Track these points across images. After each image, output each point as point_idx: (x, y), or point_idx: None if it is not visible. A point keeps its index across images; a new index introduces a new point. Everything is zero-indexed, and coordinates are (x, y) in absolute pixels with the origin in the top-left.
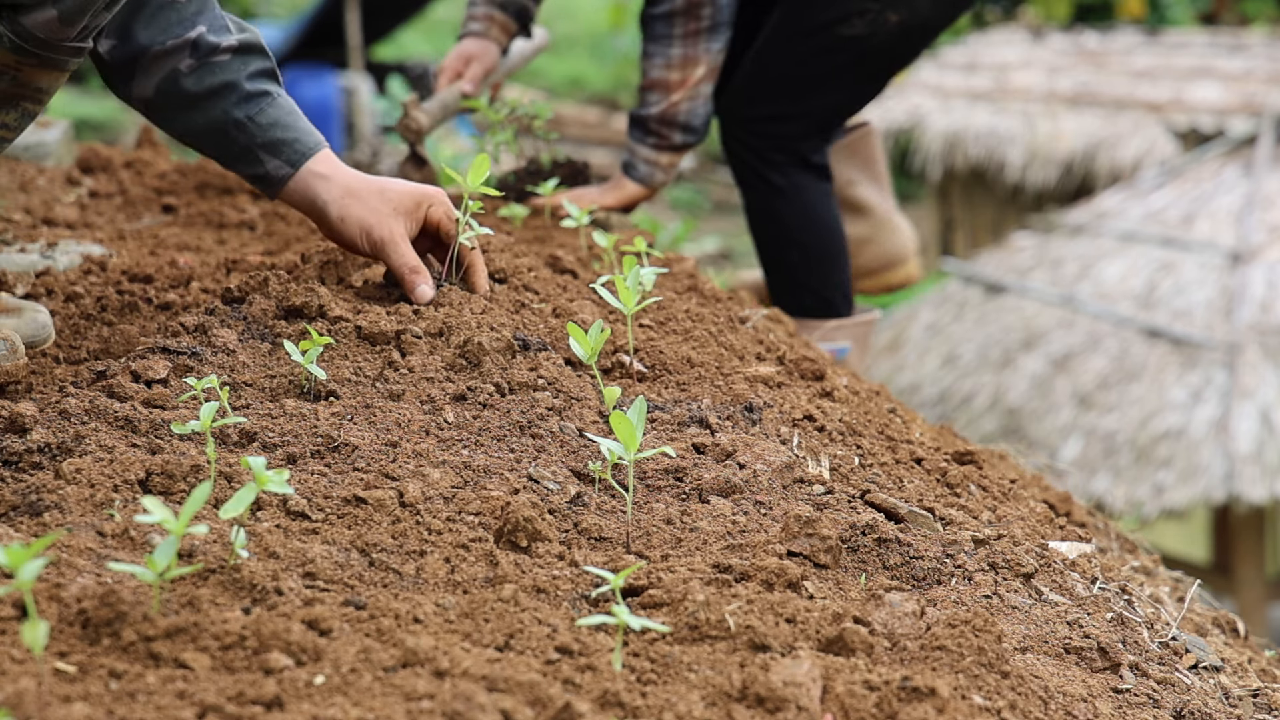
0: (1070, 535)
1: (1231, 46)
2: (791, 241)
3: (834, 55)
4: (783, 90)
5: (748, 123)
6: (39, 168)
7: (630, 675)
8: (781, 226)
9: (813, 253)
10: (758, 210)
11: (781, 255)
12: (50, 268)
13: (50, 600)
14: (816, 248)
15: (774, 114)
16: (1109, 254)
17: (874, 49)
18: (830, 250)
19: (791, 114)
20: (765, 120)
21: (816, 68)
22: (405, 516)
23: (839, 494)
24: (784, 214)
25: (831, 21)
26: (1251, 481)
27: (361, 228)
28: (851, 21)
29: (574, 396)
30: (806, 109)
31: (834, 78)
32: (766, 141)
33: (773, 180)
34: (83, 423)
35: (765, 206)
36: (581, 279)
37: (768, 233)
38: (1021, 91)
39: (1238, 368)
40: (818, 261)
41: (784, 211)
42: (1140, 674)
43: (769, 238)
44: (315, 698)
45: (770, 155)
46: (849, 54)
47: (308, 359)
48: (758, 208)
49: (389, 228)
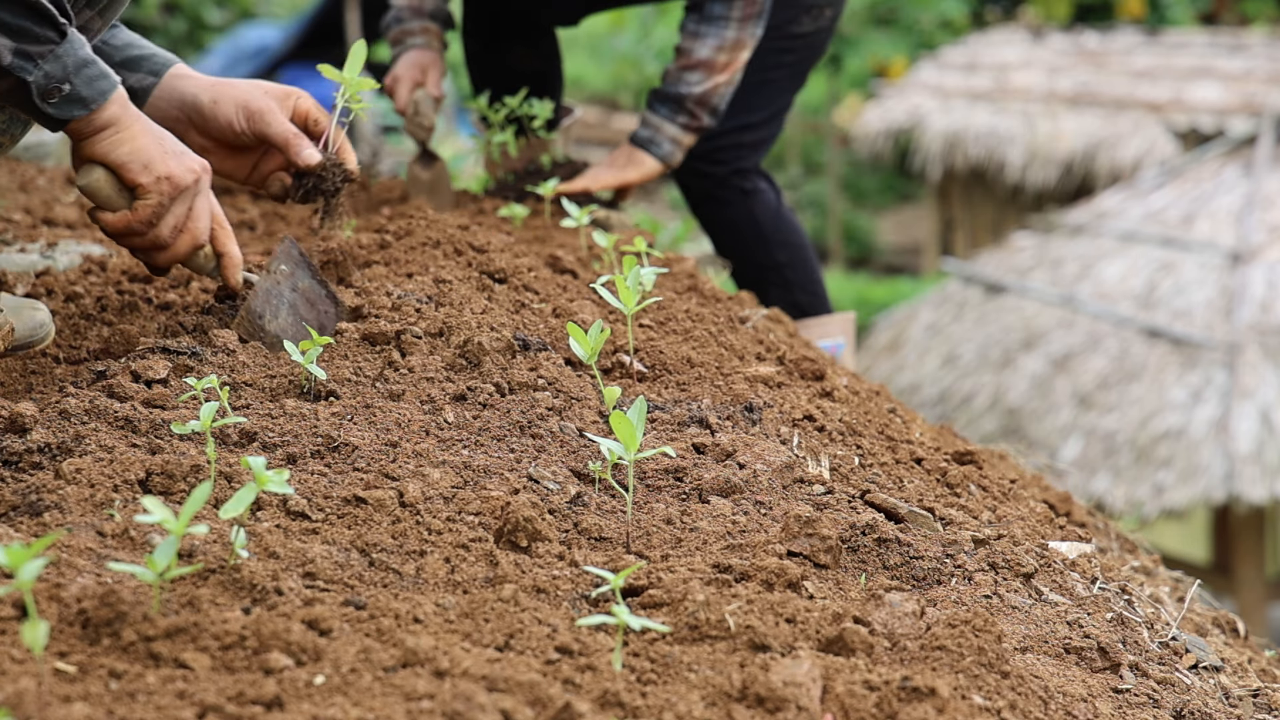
0: (1070, 535)
1: (1231, 46)
2: (775, 242)
3: (786, 55)
4: (749, 101)
5: (719, 137)
6: (39, 168)
7: (630, 675)
8: (763, 232)
9: (796, 253)
10: (736, 220)
11: (770, 258)
12: (50, 268)
13: (50, 600)
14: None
15: (742, 124)
16: (1109, 254)
17: (814, 45)
18: (806, 246)
19: (755, 123)
20: (735, 132)
21: (775, 72)
22: (405, 516)
23: (839, 494)
24: (761, 218)
25: (782, 23)
26: (1251, 481)
27: (237, 104)
28: (800, 20)
29: (574, 396)
30: (766, 115)
31: (788, 79)
32: (736, 153)
33: (744, 187)
34: (83, 423)
35: (747, 214)
36: (581, 279)
37: (753, 240)
38: (1021, 91)
39: (1238, 368)
40: (802, 260)
41: (761, 215)
42: (1140, 674)
43: (755, 243)
44: (315, 698)
45: (741, 165)
46: (797, 53)
47: (308, 359)
48: (735, 218)
49: (265, 102)
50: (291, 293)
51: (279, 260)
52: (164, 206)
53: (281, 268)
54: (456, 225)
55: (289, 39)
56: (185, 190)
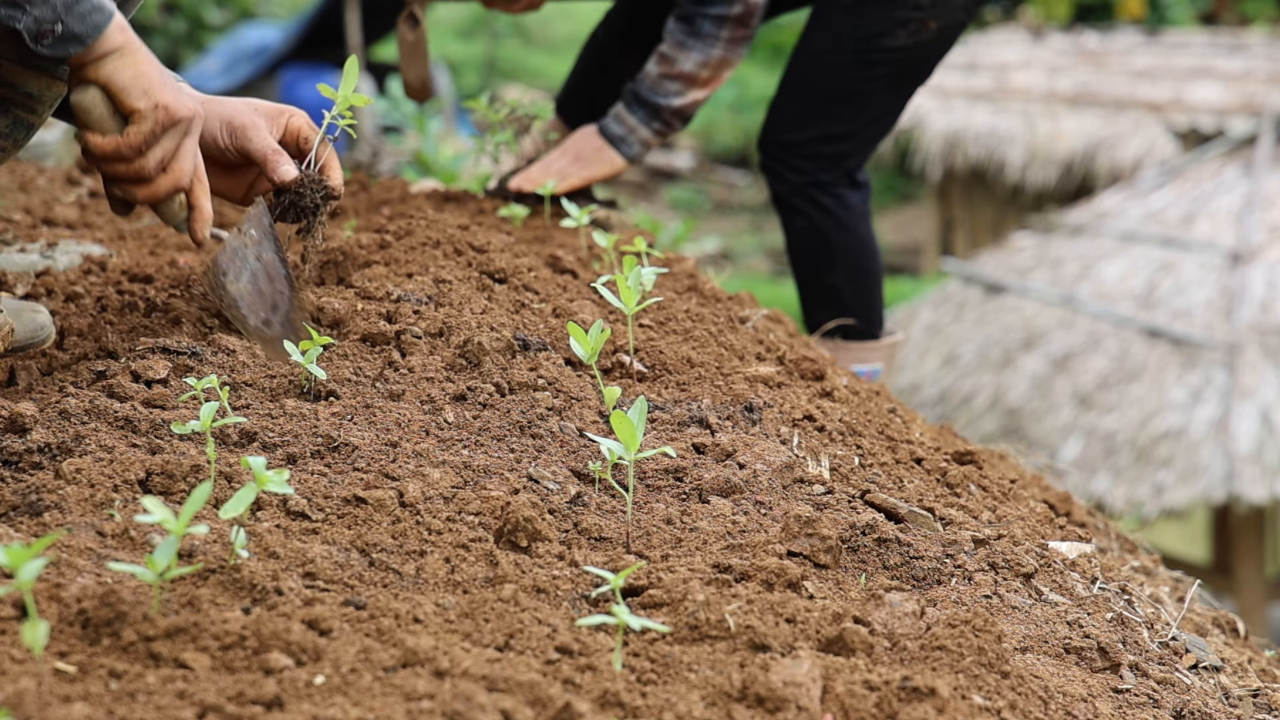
0: (1070, 535)
1: (1231, 46)
2: (837, 264)
3: (876, 69)
4: (829, 111)
5: (796, 147)
6: (39, 168)
7: (630, 675)
8: (829, 250)
9: (858, 276)
10: (803, 232)
11: (826, 278)
12: (50, 268)
13: (50, 600)
14: (861, 271)
15: (824, 135)
16: (1109, 254)
17: (914, 58)
18: (873, 273)
19: (839, 134)
20: (815, 141)
21: (860, 84)
22: (405, 516)
23: (839, 494)
24: (833, 236)
25: (874, 35)
26: (1251, 481)
27: (221, 120)
28: (895, 33)
29: (574, 396)
30: (853, 128)
31: (878, 93)
32: (816, 163)
33: (822, 202)
34: (83, 423)
35: (813, 228)
36: (581, 279)
37: (814, 256)
38: (1021, 91)
39: (1238, 368)
40: (862, 285)
41: (833, 234)
42: (1140, 674)
43: (815, 261)
44: (315, 698)
45: (819, 177)
46: (890, 66)
47: (308, 359)
48: (803, 229)
49: (250, 118)
50: (255, 261)
51: (250, 224)
52: (155, 135)
53: (251, 232)
54: (456, 225)
55: (289, 39)
56: (178, 123)
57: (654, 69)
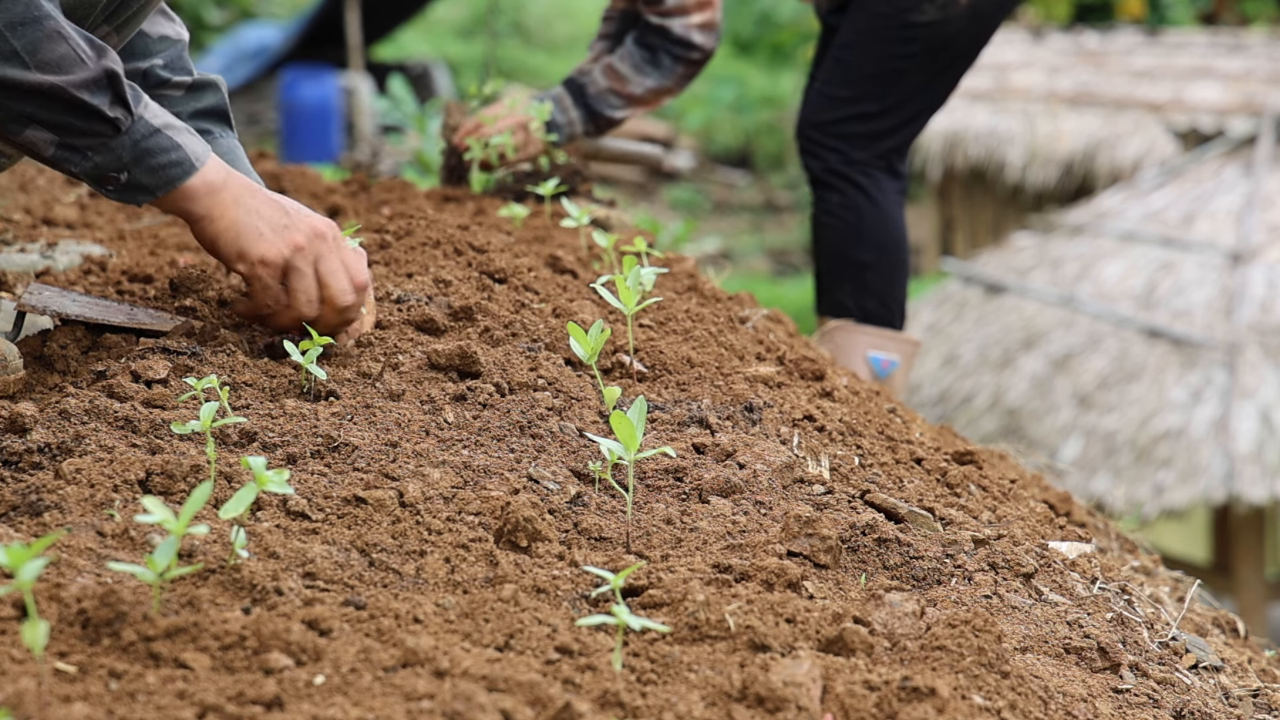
0: (1070, 535)
1: (1231, 46)
2: (867, 243)
3: (908, 46)
4: (863, 89)
5: (832, 125)
6: (39, 168)
7: (630, 675)
8: (860, 226)
9: (886, 258)
10: (836, 208)
11: (854, 255)
12: (50, 268)
13: (50, 600)
14: (890, 254)
15: (857, 114)
16: (1109, 254)
17: (946, 36)
18: (900, 261)
19: (873, 113)
20: (848, 120)
21: (893, 62)
22: (405, 516)
23: (839, 494)
24: (866, 213)
25: (902, 10)
26: (1251, 481)
27: None
28: (923, 8)
29: (574, 396)
30: (888, 106)
31: (911, 71)
32: (850, 142)
33: (856, 179)
34: (83, 423)
35: (847, 204)
36: (581, 279)
37: (845, 230)
38: (1021, 91)
39: (1238, 368)
40: (888, 267)
41: (865, 211)
42: (1140, 674)
43: (844, 236)
44: (315, 698)
45: (853, 155)
46: (922, 44)
47: (308, 359)
48: (837, 205)
49: None
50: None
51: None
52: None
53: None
54: (456, 225)
55: (289, 39)
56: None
57: (603, 80)
